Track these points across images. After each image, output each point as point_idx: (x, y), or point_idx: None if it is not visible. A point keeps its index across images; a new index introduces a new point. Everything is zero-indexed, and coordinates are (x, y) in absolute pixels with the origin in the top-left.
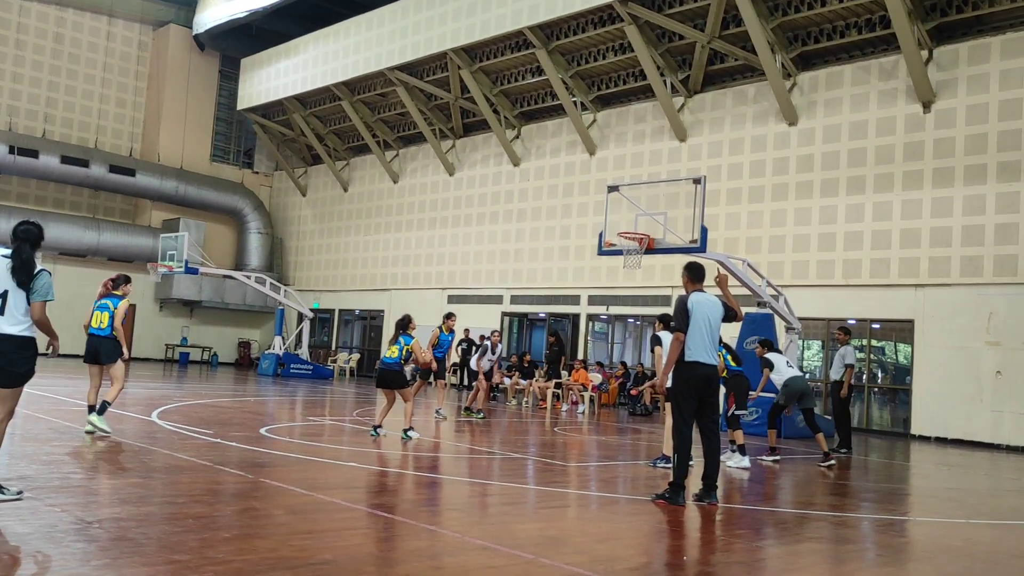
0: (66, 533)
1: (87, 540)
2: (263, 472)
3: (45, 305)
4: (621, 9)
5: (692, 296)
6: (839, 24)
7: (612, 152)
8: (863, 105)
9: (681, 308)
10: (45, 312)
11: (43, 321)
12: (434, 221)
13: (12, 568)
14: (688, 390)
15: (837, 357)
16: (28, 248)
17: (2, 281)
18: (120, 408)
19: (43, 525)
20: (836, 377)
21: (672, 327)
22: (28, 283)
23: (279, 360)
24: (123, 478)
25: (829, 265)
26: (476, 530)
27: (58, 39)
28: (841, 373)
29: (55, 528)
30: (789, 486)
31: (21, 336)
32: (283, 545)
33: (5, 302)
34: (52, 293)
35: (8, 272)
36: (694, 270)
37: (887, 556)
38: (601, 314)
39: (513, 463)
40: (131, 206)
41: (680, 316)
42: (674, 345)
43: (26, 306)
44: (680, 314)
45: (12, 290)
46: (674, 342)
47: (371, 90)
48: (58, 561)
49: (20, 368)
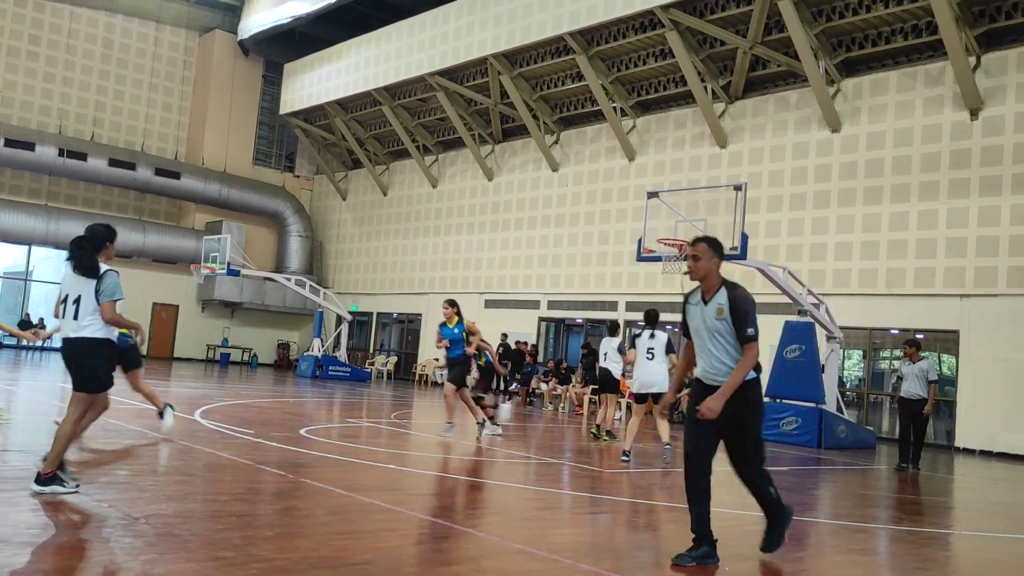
0: (114, 528)
1: (134, 535)
2: (303, 472)
3: (115, 304)
4: (662, 15)
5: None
6: (884, 30)
7: (652, 158)
8: (908, 112)
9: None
10: (115, 311)
11: (115, 320)
12: (472, 226)
13: (65, 562)
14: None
15: (917, 372)
16: (89, 247)
17: (74, 287)
18: None
19: (92, 520)
20: (919, 393)
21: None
22: (93, 281)
23: (318, 362)
24: (167, 475)
25: (872, 274)
26: (514, 534)
27: (107, 44)
28: (924, 389)
29: (104, 523)
30: (829, 497)
31: (94, 338)
32: (324, 545)
33: (78, 307)
34: (120, 291)
35: (75, 275)
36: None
37: (931, 570)
38: (639, 320)
39: (550, 468)
40: (175, 208)
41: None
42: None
43: (95, 306)
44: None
45: (85, 295)
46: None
47: (411, 95)
48: (107, 556)
49: (94, 371)
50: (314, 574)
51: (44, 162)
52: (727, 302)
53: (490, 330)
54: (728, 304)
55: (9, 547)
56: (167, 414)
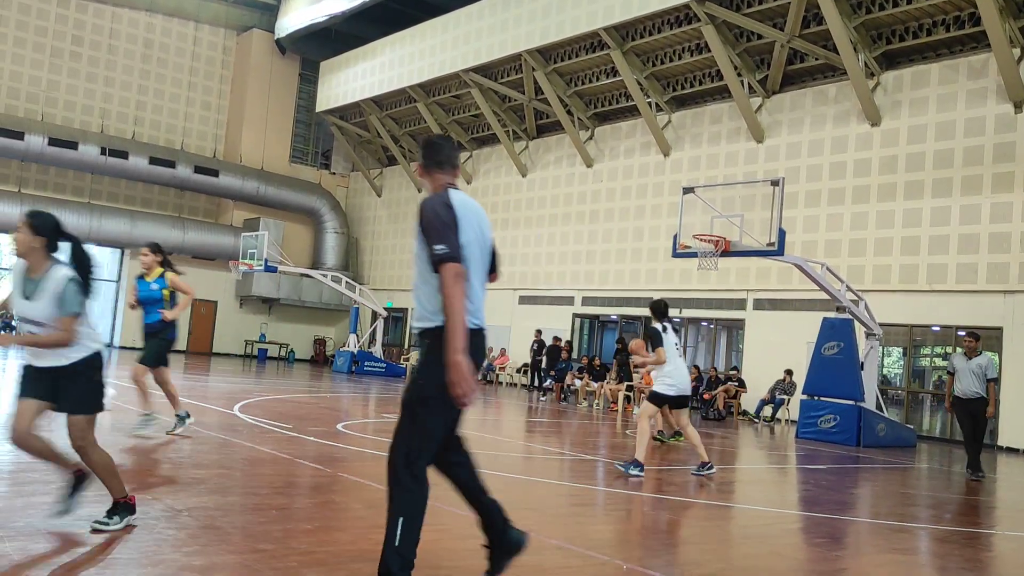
0: (158, 520)
1: (177, 527)
2: (340, 466)
3: (74, 319)
4: (698, 9)
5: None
6: (925, 22)
7: (687, 153)
8: (950, 105)
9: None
10: (74, 326)
11: (68, 340)
12: (507, 222)
13: (111, 553)
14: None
15: (975, 367)
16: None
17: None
18: (203, 401)
19: (137, 512)
20: (977, 391)
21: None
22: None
23: (353, 357)
24: (208, 469)
25: (912, 270)
26: (551, 530)
27: (148, 44)
28: (982, 387)
29: (147, 515)
30: (869, 496)
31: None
32: (362, 538)
33: None
34: (78, 303)
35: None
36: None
37: (974, 571)
38: (674, 317)
39: (584, 464)
40: (214, 206)
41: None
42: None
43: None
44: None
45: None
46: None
47: (446, 92)
48: (152, 547)
49: (75, 393)
50: (352, 567)
51: (87, 161)
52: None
53: (524, 326)
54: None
55: (57, 538)
56: (157, 423)
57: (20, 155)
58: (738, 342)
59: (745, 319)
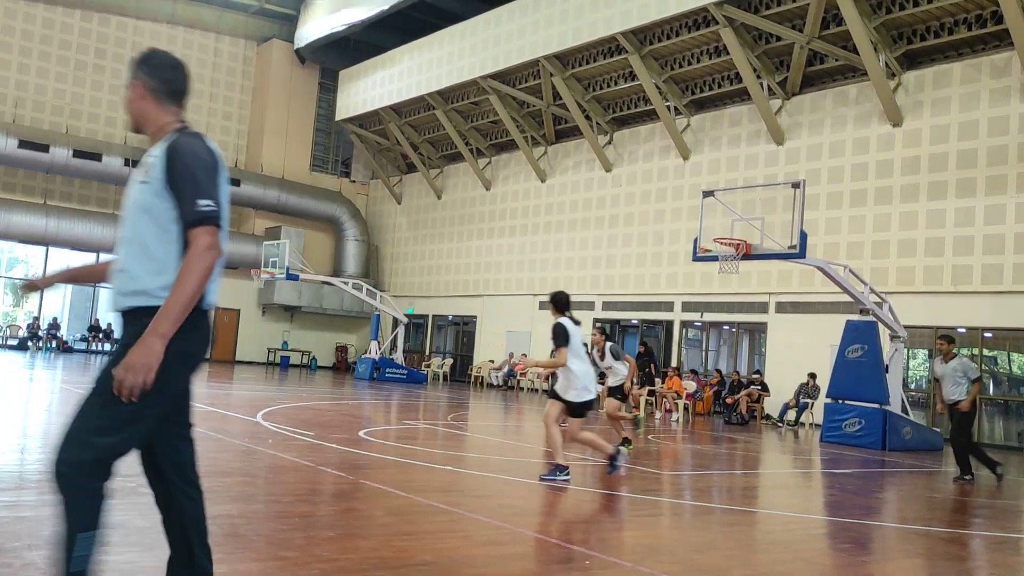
0: None
1: None
2: (362, 473)
3: None
4: (716, 12)
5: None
6: (947, 21)
7: (706, 157)
8: (973, 104)
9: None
10: None
11: None
12: (526, 227)
13: (136, 559)
14: None
15: (949, 372)
16: None
17: None
18: (227, 409)
19: (161, 521)
20: (958, 395)
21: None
22: None
23: (375, 364)
24: (231, 477)
25: (937, 271)
26: (574, 536)
27: None
28: (961, 391)
29: None
30: (895, 500)
31: None
32: (384, 545)
33: None
34: None
35: None
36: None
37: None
38: (695, 321)
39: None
40: (236, 215)
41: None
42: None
43: None
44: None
45: None
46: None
47: (464, 99)
48: None
49: None
50: (375, 574)
51: (111, 172)
52: (163, 155)
53: (544, 331)
54: (164, 157)
55: None
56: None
57: (46, 167)
58: (760, 345)
59: (767, 322)
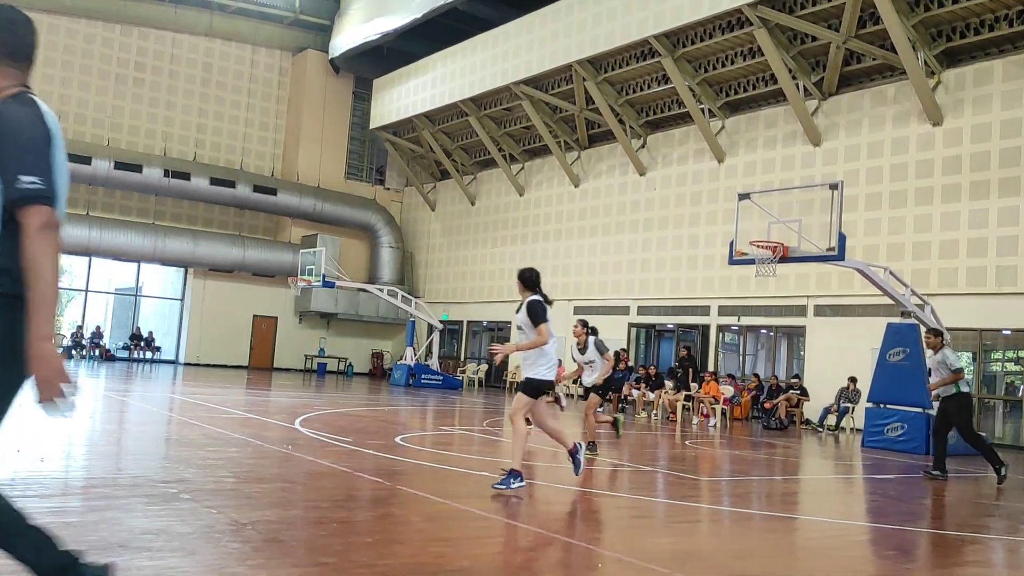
0: (223, 534)
1: (242, 541)
2: (399, 479)
3: None
4: (751, 13)
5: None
6: (987, 17)
7: (742, 159)
8: (1016, 102)
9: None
10: None
11: None
12: (560, 233)
13: (177, 565)
14: None
15: (935, 365)
16: None
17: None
18: (265, 416)
19: (202, 526)
20: (950, 388)
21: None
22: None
23: (411, 370)
24: (271, 483)
25: (980, 272)
26: (611, 542)
27: (207, 68)
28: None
29: (212, 529)
30: (939, 506)
31: None
32: (422, 551)
33: None
34: None
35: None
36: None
37: None
38: (732, 325)
39: (644, 476)
40: (273, 223)
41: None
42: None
43: None
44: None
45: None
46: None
47: (497, 105)
48: (217, 560)
49: None
50: None
51: (151, 183)
52: None
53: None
54: None
55: (127, 551)
56: None
57: (88, 179)
58: (799, 349)
59: (806, 326)
